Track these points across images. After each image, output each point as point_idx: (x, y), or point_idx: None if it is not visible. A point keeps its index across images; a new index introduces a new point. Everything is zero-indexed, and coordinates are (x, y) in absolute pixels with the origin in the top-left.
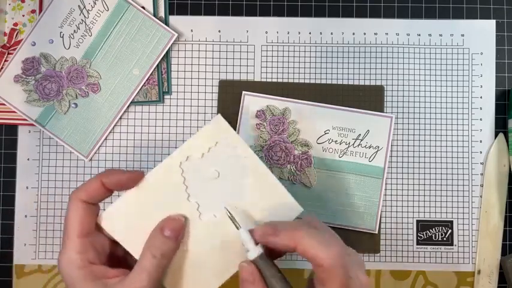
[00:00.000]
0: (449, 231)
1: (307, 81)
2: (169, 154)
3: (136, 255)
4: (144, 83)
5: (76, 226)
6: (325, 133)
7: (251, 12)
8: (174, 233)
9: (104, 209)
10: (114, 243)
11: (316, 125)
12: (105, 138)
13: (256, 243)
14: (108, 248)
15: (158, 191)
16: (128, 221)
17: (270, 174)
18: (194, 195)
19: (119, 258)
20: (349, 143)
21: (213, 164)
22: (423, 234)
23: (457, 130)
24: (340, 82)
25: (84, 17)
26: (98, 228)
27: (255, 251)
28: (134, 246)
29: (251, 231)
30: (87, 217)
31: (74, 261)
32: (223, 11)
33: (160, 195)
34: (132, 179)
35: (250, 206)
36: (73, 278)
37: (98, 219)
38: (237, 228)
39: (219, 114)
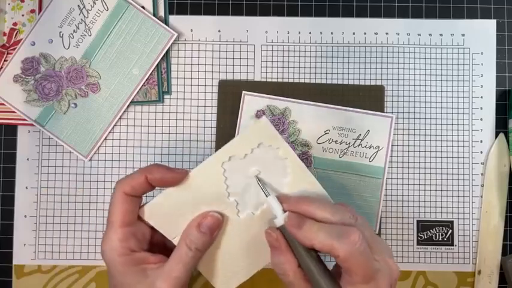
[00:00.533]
0: (450, 231)
1: (307, 81)
2: (168, 154)
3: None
4: (144, 82)
5: (119, 217)
6: (325, 133)
7: (251, 11)
8: (209, 230)
9: (147, 202)
10: (154, 231)
11: (316, 125)
12: (105, 138)
13: (284, 211)
14: (148, 236)
15: (200, 188)
16: (169, 215)
17: (309, 173)
18: (234, 193)
19: (159, 245)
20: (349, 143)
21: (254, 164)
22: (423, 235)
23: (458, 130)
24: (340, 82)
25: (84, 16)
26: (139, 217)
27: (281, 218)
28: (176, 235)
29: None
30: (129, 208)
31: (116, 249)
32: (223, 11)
33: (202, 192)
34: (172, 179)
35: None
36: (115, 265)
37: (140, 212)
38: (266, 195)
39: (264, 117)
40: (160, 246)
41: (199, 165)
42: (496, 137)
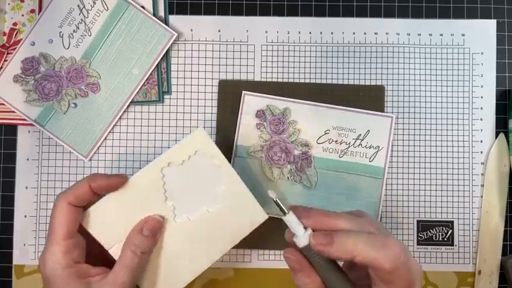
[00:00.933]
0: (450, 231)
1: (307, 81)
2: None
3: (114, 253)
4: (144, 82)
5: (62, 229)
6: (326, 133)
7: (251, 11)
8: (152, 232)
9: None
10: (94, 242)
11: (317, 125)
12: (105, 138)
13: (305, 228)
14: (85, 247)
15: (138, 193)
16: (108, 220)
17: (241, 182)
18: (171, 198)
19: (97, 257)
20: (349, 143)
21: (191, 171)
22: (424, 235)
23: (458, 130)
24: (340, 82)
25: (84, 16)
26: (79, 227)
27: (305, 238)
28: (113, 245)
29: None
30: (73, 219)
31: (60, 262)
32: (223, 11)
33: (140, 197)
34: (115, 183)
35: (222, 211)
36: (57, 278)
37: (81, 219)
38: (284, 213)
39: (200, 127)
40: (100, 260)
41: (139, 171)
42: (496, 137)
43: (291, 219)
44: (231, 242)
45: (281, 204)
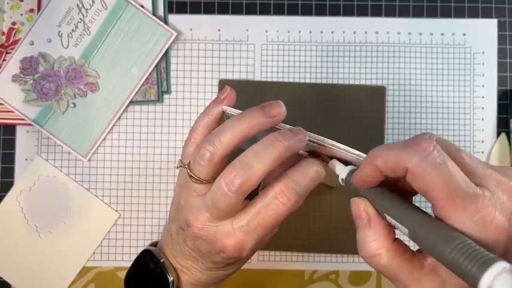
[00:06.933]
0: None
1: (307, 80)
2: (168, 154)
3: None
4: (143, 82)
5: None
6: None
7: (251, 10)
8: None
9: None
10: None
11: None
12: (104, 138)
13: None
14: None
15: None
16: None
17: (91, 196)
18: (32, 219)
19: None
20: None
21: (42, 193)
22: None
23: (459, 130)
24: (341, 82)
25: (83, 15)
26: None
27: (346, 169)
28: None
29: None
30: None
31: None
32: (223, 10)
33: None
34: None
35: (77, 221)
36: None
37: None
38: (327, 162)
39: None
40: None
41: None
42: (498, 136)
43: (334, 162)
44: None
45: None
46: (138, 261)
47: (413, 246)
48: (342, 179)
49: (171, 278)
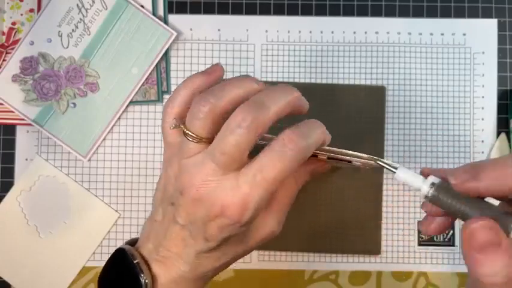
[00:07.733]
0: (451, 232)
1: (307, 80)
2: None
3: None
4: (143, 82)
5: None
6: None
7: (251, 10)
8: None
9: None
10: None
11: None
12: (104, 138)
13: (425, 177)
14: None
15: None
16: None
17: (91, 196)
18: (32, 219)
19: None
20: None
21: (42, 193)
22: (424, 235)
23: (459, 130)
24: (341, 82)
25: (83, 15)
26: None
27: (428, 183)
28: None
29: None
30: None
31: None
32: (223, 10)
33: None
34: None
35: (77, 221)
36: None
37: None
38: (393, 171)
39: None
40: None
41: None
42: (498, 136)
43: (402, 174)
44: None
45: (387, 164)
46: (111, 261)
47: None
48: (426, 196)
49: (145, 280)
